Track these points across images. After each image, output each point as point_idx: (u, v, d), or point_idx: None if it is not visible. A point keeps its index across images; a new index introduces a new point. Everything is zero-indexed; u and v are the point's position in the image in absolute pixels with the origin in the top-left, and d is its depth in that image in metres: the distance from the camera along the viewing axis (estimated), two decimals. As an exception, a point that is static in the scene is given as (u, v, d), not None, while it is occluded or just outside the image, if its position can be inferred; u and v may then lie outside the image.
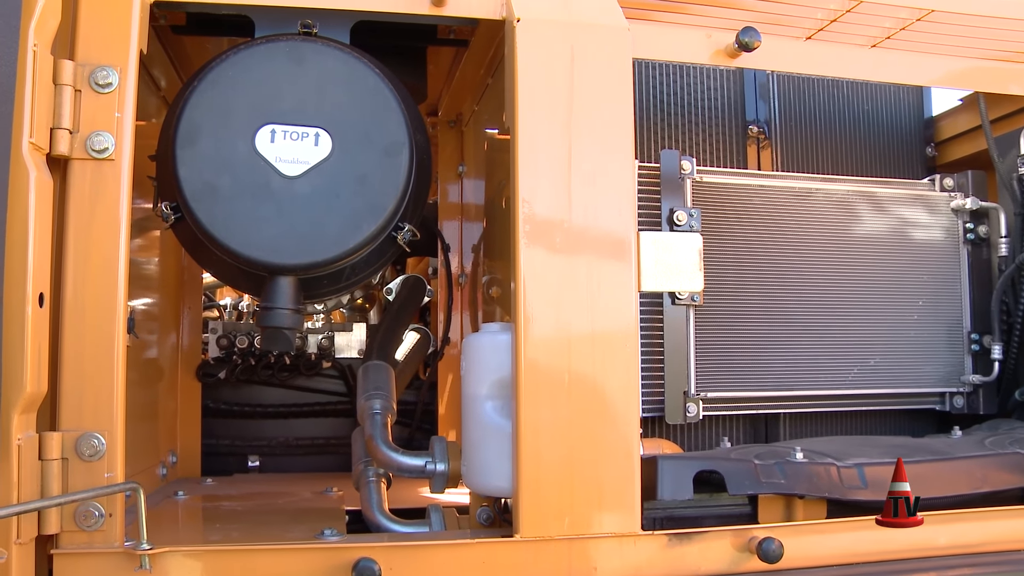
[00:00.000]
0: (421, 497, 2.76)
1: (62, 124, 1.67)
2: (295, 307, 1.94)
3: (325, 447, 3.31)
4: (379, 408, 2.26)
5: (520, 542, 1.82)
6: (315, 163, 1.88)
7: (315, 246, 1.88)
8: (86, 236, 1.70)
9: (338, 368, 3.36)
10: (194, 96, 1.87)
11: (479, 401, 1.95)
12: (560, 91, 1.89)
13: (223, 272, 2.10)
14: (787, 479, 2.03)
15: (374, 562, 1.71)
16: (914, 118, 3.02)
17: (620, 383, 1.88)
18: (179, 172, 1.84)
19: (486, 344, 1.97)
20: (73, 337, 1.68)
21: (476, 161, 2.95)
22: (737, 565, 1.92)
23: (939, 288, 2.68)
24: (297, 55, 1.92)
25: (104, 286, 1.70)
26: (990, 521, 2.09)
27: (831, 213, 2.58)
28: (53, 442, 1.64)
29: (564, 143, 1.88)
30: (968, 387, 2.68)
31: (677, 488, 1.97)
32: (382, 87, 1.94)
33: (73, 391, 1.68)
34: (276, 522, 2.33)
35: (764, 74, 2.78)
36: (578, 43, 1.91)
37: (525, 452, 1.82)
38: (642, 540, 1.88)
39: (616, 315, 1.88)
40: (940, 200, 2.71)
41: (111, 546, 1.67)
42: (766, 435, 2.61)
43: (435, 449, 2.12)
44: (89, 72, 1.71)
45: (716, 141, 2.70)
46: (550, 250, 1.86)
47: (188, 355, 3.06)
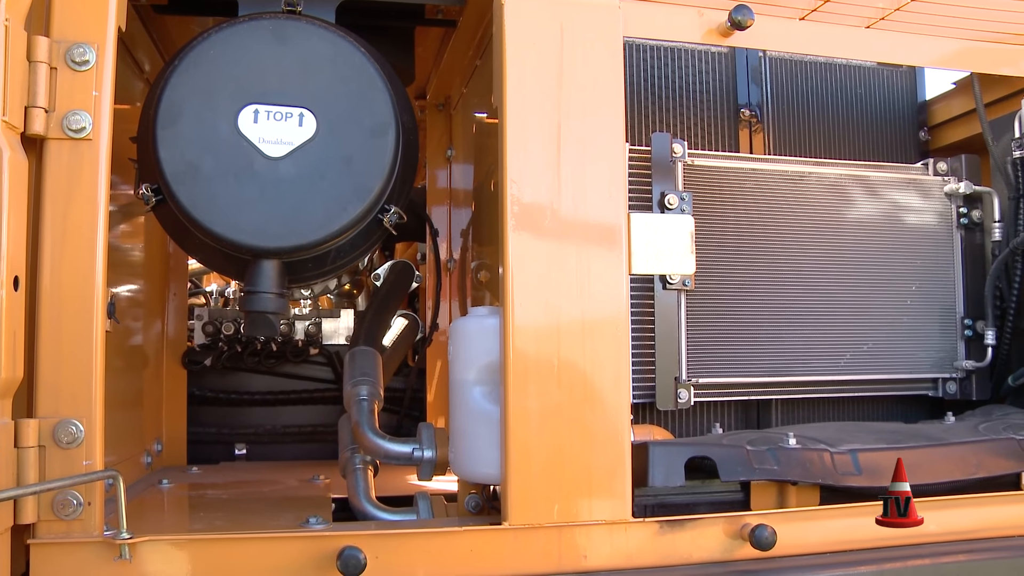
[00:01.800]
0: (409, 485, 2.74)
1: (37, 102, 1.63)
2: (279, 291, 1.91)
3: (312, 435, 3.29)
4: (366, 394, 2.24)
5: (509, 530, 1.80)
6: (299, 144, 1.84)
7: (299, 228, 1.85)
8: (63, 218, 1.66)
9: (325, 355, 3.34)
10: (175, 75, 1.84)
11: (467, 387, 1.93)
12: (549, 70, 1.86)
13: (206, 256, 2.06)
14: (780, 465, 2.01)
15: (360, 551, 1.68)
16: (907, 102, 2.98)
17: (610, 368, 1.85)
18: (160, 153, 1.80)
19: (474, 328, 1.94)
20: (50, 321, 1.64)
21: (464, 145, 2.92)
22: (729, 552, 1.90)
23: (932, 273, 2.65)
24: (281, 33, 1.88)
25: (82, 269, 1.66)
26: (985, 507, 2.07)
27: (824, 197, 2.55)
28: (29, 429, 1.60)
29: (553, 123, 1.85)
30: (961, 373, 2.66)
31: (668, 474, 1.94)
32: (368, 66, 1.90)
33: (50, 377, 1.64)
34: (261, 510, 2.30)
35: (756, 57, 2.75)
36: (567, 21, 1.87)
37: (514, 438, 1.80)
38: (633, 527, 1.85)
39: (607, 298, 1.85)
40: (934, 184, 2.69)
41: (90, 535, 1.63)
42: (758, 421, 2.58)
43: (423, 436, 2.10)
44: (65, 49, 1.66)
45: (708, 124, 2.66)
46: (539, 232, 1.83)
47: (174, 342, 3.03)
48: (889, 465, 1.95)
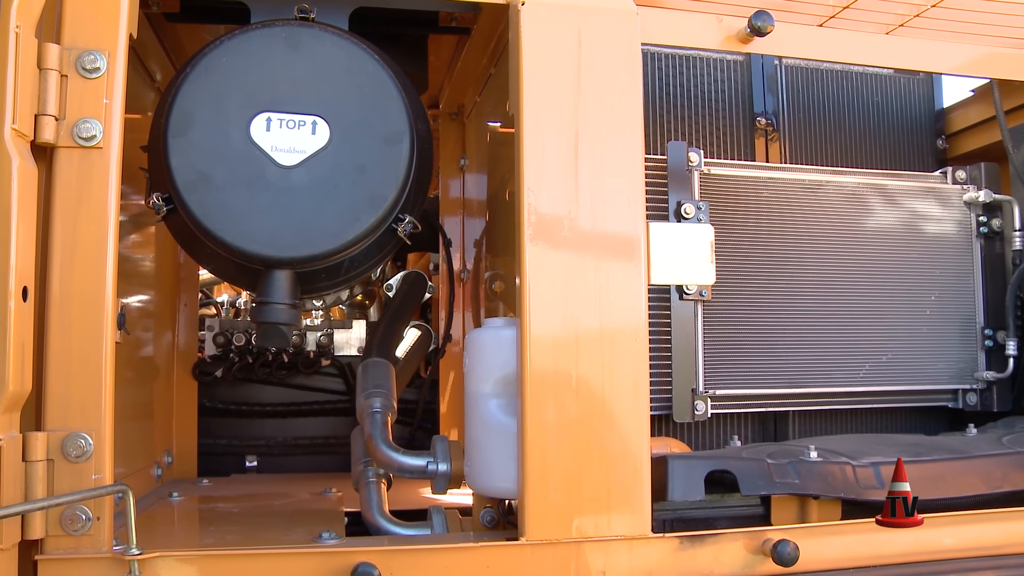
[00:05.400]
0: (422, 498, 2.71)
1: (47, 110, 1.61)
2: (292, 302, 1.88)
3: (324, 447, 3.27)
4: (379, 407, 2.21)
5: (525, 545, 1.76)
6: (312, 152, 1.82)
7: (312, 238, 1.82)
8: (72, 227, 1.64)
9: (337, 366, 3.32)
10: (187, 83, 1.82)
11: (483, 399, 1.90)
12: (567, 77, 1.83)
13: (217, 266, 2.04)
14: (801, 479, 1.97)
15: (373, 567, 1.65)
16: (924, 110, 2.95)
17: (629, 380, 1.82)
18: (171, 162, 1.78)
19: (490, 340, 1.91)
20: (59, 333, 1.62)
21: (478, 155, 2.89)
22: (751, 568, 1.86)
23: (952, 283, 2.61)
24: (294, 40, 1.86)
25: (92, 279, 1.63)
26: (1011, 522, 2.03)
27: (841, 206, 2.52)
28: (38, 443, 1.57)
29: (571, 131, 1.82)
30: (982, 384, 2.61)
31: (688, 488, 1.91)
32: (382, 74, 1.88)
33: (59, 389, 1.61)
34: (273, 524, 2.28)
35: (772, 65, 2.72)
36: (585, 27, 1.85)
37: (531, 452, 1.77)
38: (652, 543, 1.82)
39: (625, 309, 1.82)
40: (952, 193, 2.65)
41: (99, 551, 1.61)
42: (775, 433, 2.55)
43: (437, 449, 2.07)
44: (76, 56, 1.64)
45: (724, 133, 2.63)
46: (556, 242, 1.80)
47: (184, 353, 3.01)
48: (912, 478, 1.92)
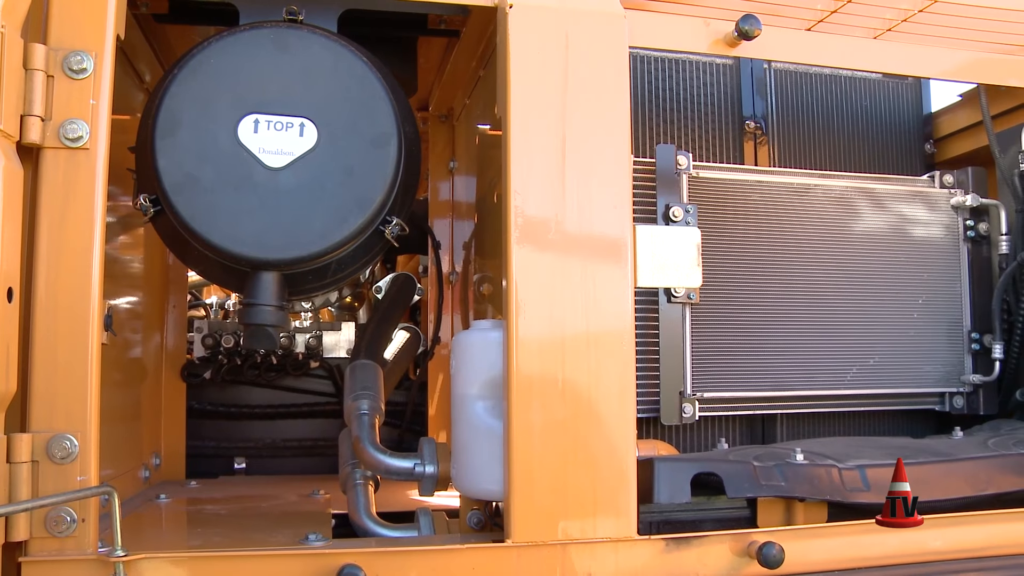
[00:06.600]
0: (410, 500, 2.71)
1: (33, 111, 1.60)
2: (279, 303, 1.88)
3: (312, 449, 3.26)
4: (367, 409, 2.21)
5: (512, 547, 1.77)
6: (300, 154, 1.82)
7: (299, 240, 1.82)
8: (59, 228, 1.63)
9: (326, 368, 3.31)
10: (174, 84, 1.81)
11: (469, 401, 1.90)
12: (554, 80, 1.84)
13: (205, 267, 2.04)
14: (787, 481, 1.98)
15: (359, 569, 1.65)
16: (912, 114, 2.96)
17: (615, 383, 1.82)
18: (158, 163, 1.78)
19: (476, 342, 1.91)
20: (45, 334, 1.61)
21: (467, 157, 2.89)
22: (737, 570, 1.87)
23: (939, 286, 2.63)
24: (282, 42, 1.86)
25: (78, 280, 1.63)
26: (996, 524, 2.04)
27: (829, 210, 2.53)
28: (22, 444, 1.57)
29: (558, 133, 1.82)
30: (968, 387, 2.63)
31: (674, 491, 1.91)
32: (370, 76, 1.88)
33: (44, 390, 1.60)
34: (260, 526, 2.27)
35: (761, 69, 2.73)
36: (573, 30, 1.85)
37: (517, 454, 1.77)
38: (638, 545, 1.82)
39: (612, 312, 1.82)
40: (940, 197, 2.66)
41: (84, 553, 1.60)
42: (763, 436, 2.55)
43: (424, 451, 2.07)
44: (62, 57, 1.64)
45: (712, 136, 2.64)
46: (543, 245, 1.80)
47: (173, 355, 3.00)
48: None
